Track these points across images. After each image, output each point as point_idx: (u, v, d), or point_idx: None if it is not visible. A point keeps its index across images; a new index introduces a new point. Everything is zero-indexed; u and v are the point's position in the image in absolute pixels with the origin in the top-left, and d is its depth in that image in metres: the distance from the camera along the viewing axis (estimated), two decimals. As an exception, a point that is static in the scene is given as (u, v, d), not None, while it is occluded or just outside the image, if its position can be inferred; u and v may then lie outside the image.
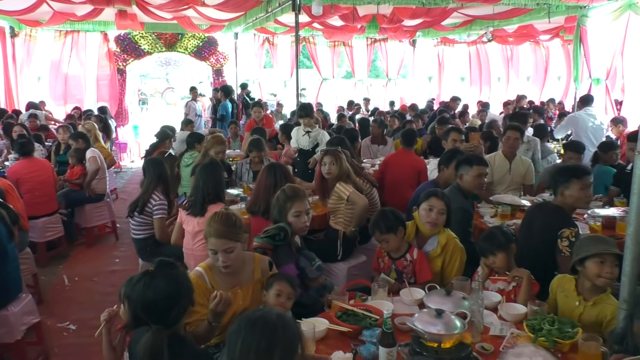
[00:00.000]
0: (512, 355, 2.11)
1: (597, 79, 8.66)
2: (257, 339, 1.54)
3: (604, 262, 2.39)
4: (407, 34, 13.26)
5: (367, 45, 15.43)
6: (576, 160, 5.02)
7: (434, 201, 3.02)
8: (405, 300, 2.72)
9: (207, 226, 2.52)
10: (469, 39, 14.48)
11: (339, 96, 15.49)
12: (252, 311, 1.65)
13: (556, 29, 11.56)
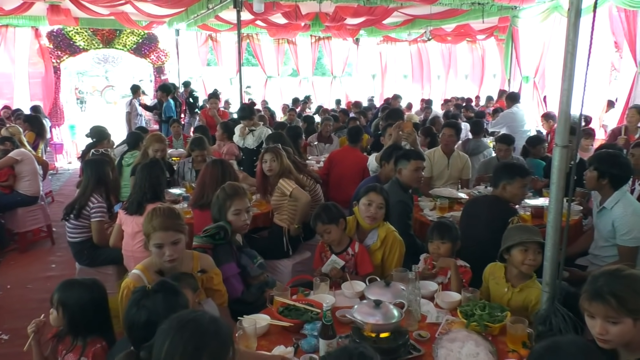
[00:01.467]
0: (447, 341, 2.20)
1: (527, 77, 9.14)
2: (185, 342, 1.50)
3: (527, 250, 2.55)
4: (351, 33, 13.44)
5: (311, 44, 15.51)
6: (506, 152, 5.33)
7: (372, 196, 3.10)
8: (346, 293, 2.77)
9: (147, 223, 2.48)
10: (409, 37, 14.86)
11: (284, 94, 15.49)
12: (186, 312, 1.61)
13: (491, 29, 12.08)
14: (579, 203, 4.35)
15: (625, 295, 1.69)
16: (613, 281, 1.73)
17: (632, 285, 1.71)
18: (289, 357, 2.13)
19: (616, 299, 1.69)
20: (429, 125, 7.18)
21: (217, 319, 1.62)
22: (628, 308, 1.69)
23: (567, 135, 2.08)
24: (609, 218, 3.41)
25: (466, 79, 16.64)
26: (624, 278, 1.74)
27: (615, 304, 1.69)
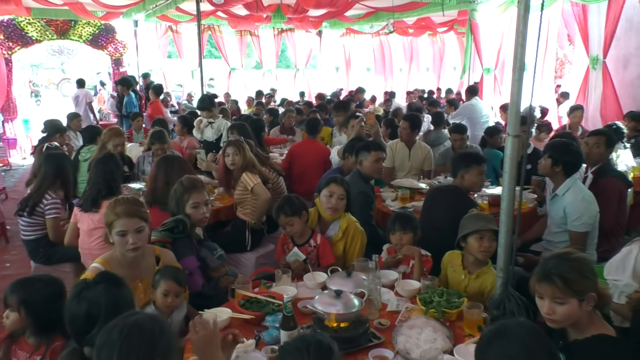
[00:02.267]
0: (406, 328, 2.24)
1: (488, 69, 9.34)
2: (136, 348, 1.47)
3: (482, 238, 2.63)
4: (313, 25, 13.40)
5: (274, 36, 15.40)
6: (461, 141, 5.46)
7: (333, 187, 3.12)
8: (308, 284, 2.79)
9: (110, 211, 2.44)
10: (372, 30, 14.93)
11: (248, 86, 15.35)
12: (120, 319, 1.54)
13: (451, 22, 12.28)
14: (534, 191, 4.49)
15: (571, 277, 1.77)
16: (561, 263, 1.81)
17: (579, 268, 1.79)
18: (250, 349, 2.12)
19: (562, 280, 1.77)
20: (391, 117, 7.26)
21: (155, 316, 1.60)
22: (573, 289, 1.76)
23: (519, 124, 2.14)
24: (561, 205, 3.53)
25: (427, 71, 16.89)
26: (572, 261, 1.82)
27: (561, 285, 1.76)
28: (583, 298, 1.78)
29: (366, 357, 2.07)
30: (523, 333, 1.48)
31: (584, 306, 1.79)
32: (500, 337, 1.50)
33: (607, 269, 2.80)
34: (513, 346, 1.46)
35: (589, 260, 1.87)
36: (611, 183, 3.92)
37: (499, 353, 1.48)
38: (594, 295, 1.80)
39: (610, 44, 7.36)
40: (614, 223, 3.83)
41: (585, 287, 1.78)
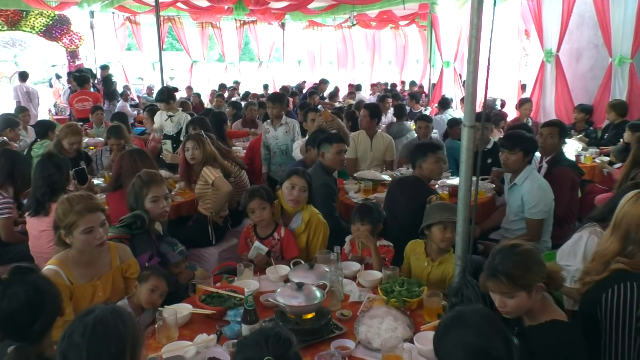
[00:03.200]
0: (367, 318, 2.27)
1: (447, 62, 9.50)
2: (105, 345, 1.43)
3: (446, 228, 2.69)
4: (276, 17, 13.31)
5: (237, 28, 15.21)
6: (426, 129, 5.61)
7: (295, 179, 3.11)
8: (271, 277, 2.78)
9: (68, 212, 2.31)
10: (334, 23, 14.97)
11: (211, 79, 15.13)
12: (78, 319, 1.49)
13: (412, 15, 12.42)
14: (492, 181, 4.61)
15: (516, 272, 1.84)
16: (506, 259, 1.87)
17: (523, 262, 1.86)
18: (211, 344, 2.10)
19: (507, 277, 1.84)
20: (353, 110, 7.30)
21: (115, 308, 1.57)
22: (519, 284, 1.84)
23: (474, 115, 2.18)
24: (519, 193, 3.64)
25: (390, 64, 17.05)
26: (517, 255, 1.88)
27: (506, 282, 1.84)
28: (530, 290, 1.85)
29: (328, 348, 2.08)
30: (478, 320, 1.52)
31: (533, 296, 1.86)
32: (457, 325, 1.54)
33: (559, 255, 2.91)
34: (468, 333, 1.51)
35: (534, 251, 1.93)
36: (564, 172, 4.06)
37: (455, 340, 1.52)
38: (540, 285, 1.86)
39: (563, 38, 7.59)
40: (567, 210, 3.97)
41: (530, 280, 1.85)
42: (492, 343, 1.49)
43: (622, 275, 2.00)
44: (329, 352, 2.03)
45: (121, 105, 10.69)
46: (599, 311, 2.02)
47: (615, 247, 2.08)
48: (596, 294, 2.04)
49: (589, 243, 2.70)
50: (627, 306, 1.97)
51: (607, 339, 2.01)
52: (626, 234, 2.05)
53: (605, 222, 2.68)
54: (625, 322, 1.97)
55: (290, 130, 5.59)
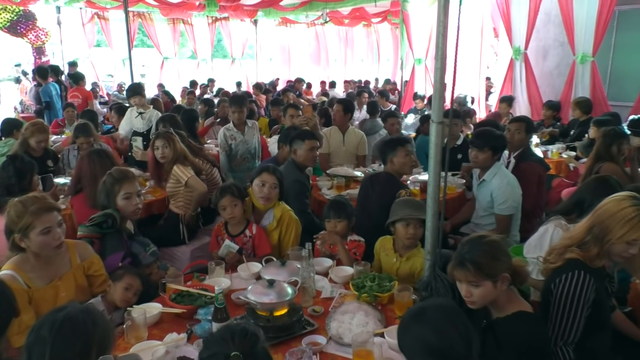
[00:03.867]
0: (339, 313, 2.28)
1: (419, 59, 9.59)
2: (70, 343, 1.42)
3: (408, 225, 2.73)
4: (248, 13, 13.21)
5: (208, 24, 15.04)
6: (397, 125, 5.72)
7: (265, 176, 3.10)
8: (243, 275, 2.77)
9: (22, 214, 2.22)
10: (307, 20, 14.94)
11: (182, 77, 14.93)
12: (50, 315, 1.48)
13: (384, 13, 12.50)
14: (463, 177, 4.68)
15: (483, 261, 1.88)
16: (474, 248, 1.92)
17: (490, 252, 1.90)
18: (182, 344, 2.08)
19: (474, 265, 1.88)
20: (326, 107, 7.32)
21: (87, 307, 1.54)
22: (485, 272, 1.88)
23: (442, 111, 2.21)
24: (488, 189, 3.71)
25: (362, 62, 17.14)
26: (484, 245, 1.92)
27: (473, 270, 1.88)
28: (496, 279, 1.89)
29: (300, 344, 2.08)
30: (439, 317, 1.55)
31: (499, 287, 1.90)
32: (418, 320, 1.57)
33: (526, 248, 2.98)
34: (427, 329, 1.53)
35: (501, 243, 1.97)
36: (531, 167, 4.15)
37: (415, 336, 1.55)
38: (506, 275, 1.90)
39: (530, 35, 7.76)
40: (534, 204, 4.06)
41: (496, 270, 1.89)
42: (450, 341, 1.51)
43: (576, 264, 2.06)
44: (300, 348, 2.03)
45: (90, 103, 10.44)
46: (551, 294, 2.08)
47: (580, 234, 2.13)
48: (552, 279, 2.10)
49: (554, 235, 2.77)
50: (574, 294, 2.02)
51: (551, 319, 2.07)
52: (591, 226, 2.11)
53: (570, 215, 2.77)
54: (570, 307, 2.03)
55: (255, 130, 5.43)
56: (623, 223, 1.99)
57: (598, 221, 2.08)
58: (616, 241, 2.01)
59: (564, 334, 2.05)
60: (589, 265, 2.05)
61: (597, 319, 2.10)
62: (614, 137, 4.04)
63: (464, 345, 1.50)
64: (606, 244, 2.03)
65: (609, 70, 7.55)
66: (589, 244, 2.07)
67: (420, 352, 1.52)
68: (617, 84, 7.51)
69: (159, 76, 14.60)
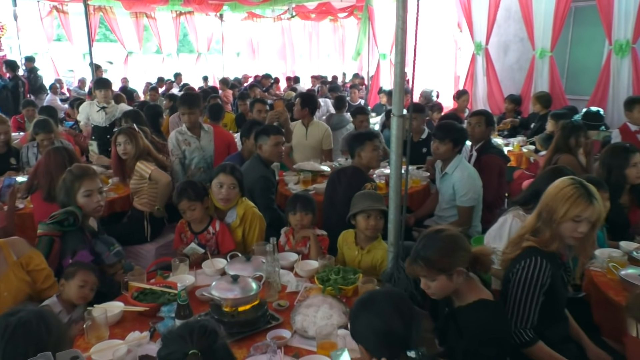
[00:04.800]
0: (304, 307, 2.29)
1: (384, 54, 9.67)
2: (24, 349, 1.38)
3: (369, 217, 2.77)
4: (214, 8, 13.04)
5: (173, 19, 14.77)
6: (366, 122, 5.72)
7: (222, 177, 3.06)
8: (207, 271, 2.75)
9: None
10: (274, 14, 14.85)
11: (148, 72, 14.63)
12: (3, 317, 1.45)
13: (351, 8, 12.55)
14: (427, 170, 4.76)
15: (434, 258, 1.93)
16: (428, 244, 1.97)
17: (444, 248, 1.95)
18: (144, 342, 2.06)
19: (425, 262, 1.94)
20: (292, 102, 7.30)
21: (40, 311, 1.51)
22: (437, 268, 1.93)
23: (403, 105, 2.25)
24: (450, 182, 3.79)
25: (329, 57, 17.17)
26: (439, 240, 1.97)
27: (424, 267, 1.94)
28: (451, 273, 1.94)
29: (264, 339, 2.09)
30: (388, 302, 1.61)
31: (454, 279, 1.95)
32: (367, 308, 1.62)
33: (486, 238, 3.06)
34: (375, 317, 1.59)
35: (458, 237, 2.01)
36: (492, 159, 4.26)
37: (363, 323, 1.62)
38: (461, 270, 1.94)
39: (491, 31, 7.93)
40: (495, 196, 4.17)
41: (450, 265, 1.93)
42: (394, 328, 1.57)
43: (532, 251, 2.13)
44: (264, 342, 2.04)
45: (50, 99, 10.17)
46: (510, 280, 2.15)
47: (531, 222, 2.21)
48: (510, 267, 2.17)
49: (513, 225, 2.85)
50: (531, 279, 2.09)
51: (509, 304, 2.14)
52: (540, 212, 2.19)
53: (527, 205, 2.85)
54: (527, 293, 2.10)
55: (212, 136, 4.72)
56: (564, 201, 2.09)
57: (544, 206, 2.17)
58: (561, 219, 2.09)
59: (523, 318, 2.11)
60: (544, 250, 2.13)
61: (553, 307, 2.18)
62: (572, 129, 4.19)
63: (404, 327, 1.57)
64: (554, 224, 2.11)
65: (567, 65, 7.78)
66: (541, 228, 2.15)
67: (369, 337, 1.60)
68: (574, 78, 7.75)
69: (124, 71, 14.25)
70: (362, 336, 1.63)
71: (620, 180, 3.31)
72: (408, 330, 1.56)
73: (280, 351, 1.99)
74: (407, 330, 1.56)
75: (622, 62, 6.43)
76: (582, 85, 7.42)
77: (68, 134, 5.93)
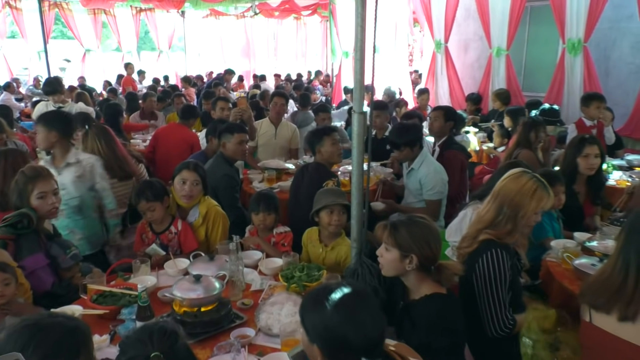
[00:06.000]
0: (268, 305, 2.29)
1: (346, 52, 9.72)
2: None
3: (332, 212, 2.79)
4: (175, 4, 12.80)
5: (132, 15, 14.43)
6: (328, 120, 5.77)
7: (185, 174, 3.01)
8: (170, 272, 2.70)
9: None
10: (236, 12, 14.70)
11: (107, 70, 14.25)
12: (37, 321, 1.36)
13: (314, 5, 12.54)
14: (391, 165, 4.81)
15: (400, 231, 1.99)
16: (405, 220, 2.04)
17: (412, 230, 2.00)
18: (104, 345, 2.01)
19: (392, 229, 2.01)
20: (256, 100, 7.28)
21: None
22: (397, 241, 1.98)
23: (363, 102, 2.26)
24: (417, 177, 3.87)
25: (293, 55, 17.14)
26: (414, 223, 2.03)
27: (388, 232, 2.01)
28: (405, 254, 1.97)
29: (228, 338, 2.07)
30: (342, 291, 1.50)
31: (406, 263, 1.98)
32: (315, 303, 1.52)
33: (447, 233, 3.13)
34: (328, 311, 1.47)
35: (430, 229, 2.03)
36: (454, 155, 4.35)
37: (316, 317, 1.50)
38: (415, 257, 1.97)
39: (450, 30, 8.09)
40: (457, 191, 4.26)
41: (409, 246, 1.97)
42: (347, 322, 1.46)
43: (490, 244, 2.19)
44: (228, 341, 2.03)
45: (4, 98, 9.78)
46: (474, 277, 2.19)
47: (490, 216, 2.27)
48: (471, 263, 2.21)
49: (471, 219, 2.91)
50: (497, 270, 2.16)
51: (482, 299, 2.20)
52: (501, 206, 2.24)
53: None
54: (496, 283, 2.16)
55: (87, 172, 3.43)
56: (530, 196, 2.19)
57: (507, 201, 2.22)
58: (528, 214, 2.19)
59: (501, 308, 2.16)
60: (499, 242, 2.19)
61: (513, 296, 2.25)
62: (531, 125, 4.34)
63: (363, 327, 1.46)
64: (521, 219, 2.20)
65: (524, 63, 8.01)
66: (502, 222, 2.21)
67: (317, 330, 1.49)
68: (531, 76, 7.99)
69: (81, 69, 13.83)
70: (313, 328, 1.50)
71: (572, 168, 3.47)
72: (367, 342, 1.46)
73: (244, 350, 1.98)
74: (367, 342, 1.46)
75: (575, 61, 6.66)
76: (539, 83, 7.65)
77: (24, 134, 5.73)
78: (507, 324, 2.18)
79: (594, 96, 5.28)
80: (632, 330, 1.73)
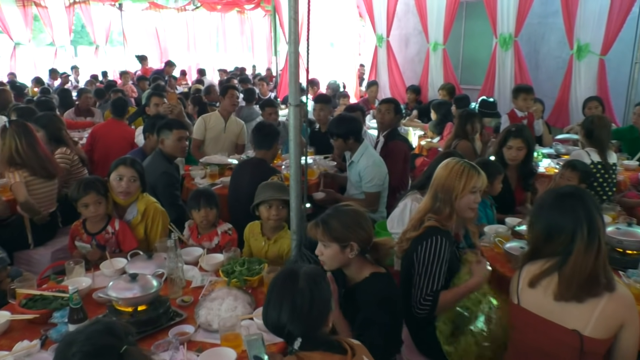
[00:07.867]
0: (208, 301, 2.26)
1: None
2: None
3: (271, 207, 2.81)
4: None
5: (66, 7, 13.75)
6: (275, 115, 5.81)
7: (122, 170, 2.93)
8: (106, 272, 2.62)
9: None
10: (176, 5, 14.33)
11: (39, 65, 13.52)
12: None
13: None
14: (334, 159, 4.86)
15: (334, 225, 2.04)
16: (333, 214, 2.08)
17: (345, 220, 2.05)
18: (34, 351, 1.93)
19: (325, 226, 2.04)
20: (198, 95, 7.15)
21: None
22: (333, 236, 2.03)
23: (299, 94, 2.28)
24: (357, 169, 3.93)
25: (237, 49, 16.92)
26: (343, 213, 2.08)
27: (322, 230, 2.05)
28: (345, 245, 2.02)
29: (167, 336, 2.04)
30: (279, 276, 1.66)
31: (347, 253, 2.04)
32: (286, 281, 1.68)
33: (389, 223, 3.20)
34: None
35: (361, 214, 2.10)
36: (398, 146, 4.47)
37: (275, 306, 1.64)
38: (354, 244, 2.04)
39: (391, 24, 8.24)
40: (399, 181, 4.37)
41: (345, 237, 2.03)
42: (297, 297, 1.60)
43: (433, 231, 2.27)
44: (166, 339, 1.99)
45: None
46: (415, 259, 2.26)
47: (427, 204, 2.36)
48: (413, 247, 2.28)
49: (412, 209, 3.01)
50: (437, 255, 2.23)
51: (416, 280, 2.26)
52: (435, 193, 2.33)
53: (424, 188, 3.01)
54: (434, 267, 2.23)
55: None
56: (458, 177, 2.30)
57: (439, 187, 2.33)
58: (462, 194, 2.29)
59: (428, 290, 2.22)
60: (443, 229, 2.28)
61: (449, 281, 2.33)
62: (467, 117, 4.51)
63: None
64: (455, 200, 2.30)
65: (461, 57, 8.29)
66: (440, 207, 2.30)
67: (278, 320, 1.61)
68: (468, 70, 8.28)
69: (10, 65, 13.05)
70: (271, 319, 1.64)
71: (499, 157, 3.70)
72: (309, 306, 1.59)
73: (183, 347, 1.96)
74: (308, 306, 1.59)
75: (507, 55, 6.97)
76: (475, 76, 7.95)
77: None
78: (426, 306, 2.21)
79: (521, 88, 5.55)
80: (559, 310, 1.83)
